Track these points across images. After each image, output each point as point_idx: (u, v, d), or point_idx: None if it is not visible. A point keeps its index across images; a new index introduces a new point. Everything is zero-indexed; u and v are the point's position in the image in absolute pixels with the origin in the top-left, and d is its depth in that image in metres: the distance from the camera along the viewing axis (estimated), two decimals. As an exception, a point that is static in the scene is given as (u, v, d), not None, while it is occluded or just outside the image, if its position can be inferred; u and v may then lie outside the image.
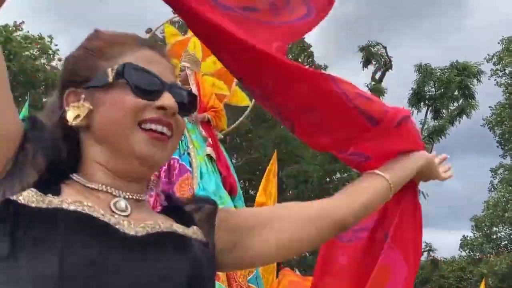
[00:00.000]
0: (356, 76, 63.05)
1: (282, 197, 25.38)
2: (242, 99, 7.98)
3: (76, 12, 53.70)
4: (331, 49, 54.02)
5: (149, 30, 25.57)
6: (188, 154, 6.80)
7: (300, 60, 28.77)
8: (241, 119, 8.50)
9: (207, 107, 7.18)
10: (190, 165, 6.72)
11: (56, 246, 1.20)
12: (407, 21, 59.38)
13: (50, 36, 31.30)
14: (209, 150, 6.88)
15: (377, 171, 1.98)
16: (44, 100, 31.70)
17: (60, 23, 54.41)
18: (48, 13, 53.03)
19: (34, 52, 30.49)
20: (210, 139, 7.01)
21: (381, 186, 1.92)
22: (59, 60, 32.33)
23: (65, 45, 57.19)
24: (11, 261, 1.20)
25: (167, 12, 27.74)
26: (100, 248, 1.24)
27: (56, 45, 31.74)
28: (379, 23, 58.01)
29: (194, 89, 7.29)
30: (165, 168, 6.70)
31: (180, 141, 6.42)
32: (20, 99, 29.74)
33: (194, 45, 8.25)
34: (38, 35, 30.76)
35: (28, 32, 30.31)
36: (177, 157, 6.77)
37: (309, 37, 53.16)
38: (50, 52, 31.32)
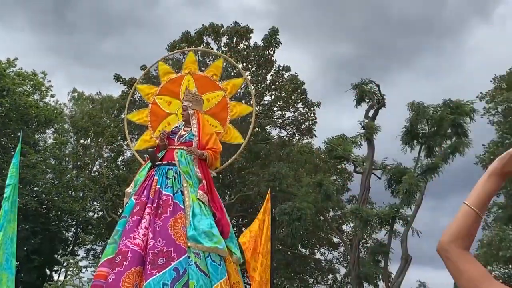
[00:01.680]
0: (350, 113, 63.47)
1: (275, 235, 25.24)
2: (236, 137, 7.96)
3: (75, 50, 54.14)
4: (328, 86, 54.48)
5: (144, 67, 25.72)
6: (182, 192, 6.76)
7: (293, 97, 28.89)
8: (234, 156, 8.44)
9: (206, 147, 7.17)
10: (183, 204, 6.68)
11: None
12: (405, 60, 59.99)
13: (43, 73, 31.38)
14: (199, 194, 6.83)
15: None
16: (36, 136, 31.69)
17: (59, 60, 54.75)
18: (47, 50, 53.43)
19: (28, 89, 30.49)
20: (204, 182, 6.97)
21: (463, 210, 2.12)
22: (52, 96, 32.40)
23: (63, 81, 57.60)
24: None
25: (161, 50, 27.85)
26: None
27: (50, 81, 31.78)
28: (376, 61, 58.60)
29: (194, 129, 7.28)
30: (154, 206, 6.63)
31: (173, 179, 6.40)
32: (12, 135, 29.71)
33: (188, 83, 8.27)
34: (31, 71, 30.83)
35: (21, 68, 30.37)
36: (170, 194, 6.72)
37: (305, 75, 53.61)
38: (43, 88, 31.34)
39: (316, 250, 32.76)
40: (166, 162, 7.04)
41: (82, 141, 33.33)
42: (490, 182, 2.17)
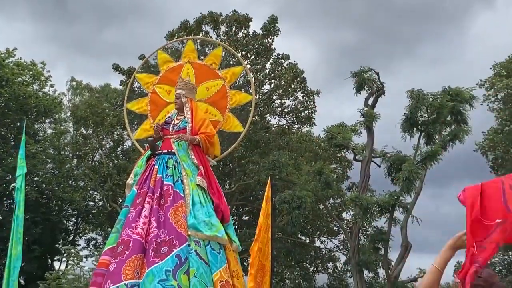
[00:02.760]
0: (352, 102, 63.44)
1: (275, 223, 25.26)
2: (236, 125, 7.95)
3: (75, 40, 54.00)
4: (331, 74, 54.38)
5: (142, 57, 25.69)
6: (182, 181, 6.77)
7: (292, 85, 28.85)
8: (234, 145, 8.45)
9: (198, 133, 7.16)
10: (183, 192, 6.70)
11: None
12: (407, 48, 59.76)
13: (42, 62, 31.30)
14: (199, 180, 6.85)
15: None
16: (36, 126, 31.67)
17: (60, 50, 54.65)
18: (47, 40, 53.28)
19: (27, 79, 30.43)
20: (201, 167, 6.98)
21: (432, 269, 3.40)
22: (52, 86, 32.36)
23: (64, 71, 57.53)
24: None
25: (162, 40, 27.79)
26: None
27: (49, 71, 31.70)
28: (378, 49, 58.45)
29: (188, 116, 7.28)
30: (157, 195, 6.66)
31: (173, 168, 6.41)
32: (12, 125, 29.70)
33: (188, 71, 8.26)
34: (30, 61, 30.76)
35: (20, 58, 30.29)
36: (171, 183, 6.74)
37: (307, 63, 53.49)
38: (43, 78, 31.27)
39: (316, 238, 32.85)
40: (166, 151, 7.04)
41: (82, 130, 33.32)
42: (447, 252, 3.43)
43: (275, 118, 30.37)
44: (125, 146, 31.67)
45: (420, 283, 3.47)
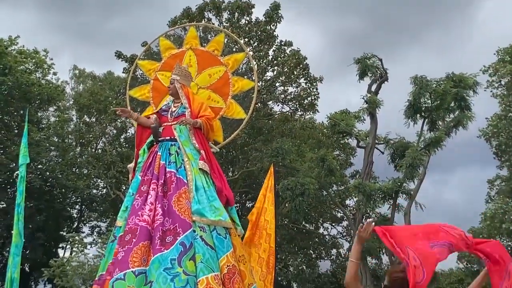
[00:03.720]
0: (357, 89, 63.19)
1: (278, 210, 25.28)
2: (238, 112, 7.92)
3: (80, 28, 53.86)
4: (336, 61, 54.24)
5: (145, 44, 25.59)
6: (184, 167, 6.77)
7: (295, 72, 28.78)
8: (237, 131, 8.43)
9: (198, 116, 7.15)
10: (186, 178, 6.69)
11: None
12: (413, 35, 59.46)
13: (45, 50, 31.27)
14: (201, 164, 6.84)
15: None
16: (39, 114, 31.69)
17: (65, 39, 54.51)
18: (52, 29, 53.14)
19: (29, 67, 30.42)
20: (203, 152, 6.97)
21: (351, 264, 4.34)
22: (55, 74, 32.33)
23: (68, 60, 57.37)
24: None
25: (164, 27, 27.70)
26: None
27: (52, 59, 31.68)
28: (384, 36, 58.18)
29: (184, 101, 7.26)
30: (161, 182, 6.66)
31: (176, 155, 6.40)
32: (15, 113, 29.72)
33: (190, 58, 8.24)
34: (33, 49, 30.73)
35: (23, 46, 30.26)
36: (174, 170, 6.74)
37: (313, 50, 53.25)
38: (45, 66, 31.25)
39: (319, 225, 32.91)
40: (168, 138, 7.03)
41: (85, 118, 33.34)
42: (356, 246, 4.21)
43: (278, 105, 30.37)
44: (128, 134, 31.68)
45: (346, 276, 4.20)
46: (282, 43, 28.58)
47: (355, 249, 4.21)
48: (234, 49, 21.80)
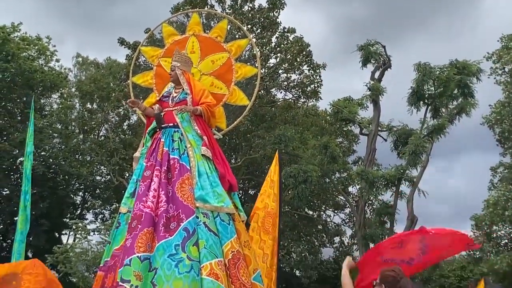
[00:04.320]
0: (360, 76, 62.91)
1: (281, 197, 25.30)
2: (241, 99, 7.89)
3: (84, 15, 53.67)
4: (340, 49, 53.99)
5: (148, 31, 25.53)
6: (187, 154, 6.77)
7: (298, 59, 28.70)
8: (240, 118, 8.40)
9: (199, 103, 7.14)
10: (189, 165, 6.70)
11: None
12: (419, 22, 59.03)
13: (48, 37, 31.21)
14: (203, 150, 6.84)
15: None
16: (42, 101, 31.68)
17: (68, 26, 54.34)
18: (55, 16, 52.98)
19: (32, 53, 30.37)
20: (205, 138, 6.97)
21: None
22: (57, 61, 32.29)
23: (72, 47, 57.23)
24: None
25: (166, 13, 27.60)
26: None
27: (54, 46, 31.63)
28: (389, 23, 57.84)
29: (186, 87, 7.25)
30: (165, 168, 6.67)
31: (179, 141, 6.40)
32: (18, 100, 29.72)
33: (193, 44, 8.21)
34: (36, 36, 30.67)
35: (26, 33, 30.20)
36: (177, 157, 6.74)
37: (317, 37, 53.04)
38: (48, 53, 31.21)
39: (322, 212, 32.95)
40: (172, 124, 7.02)
41: (88, 105, 33.34)
42: (346, 277, 4.68)
43: (281, 92, 30.32)
44: (131, 121, 31.71)
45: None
46: (285, 30, 28.48)
47: (348, 281, 4.82)
48: (237, 36, 21.73)
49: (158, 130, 7.12)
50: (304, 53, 28.57)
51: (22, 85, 28.44)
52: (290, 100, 30.25)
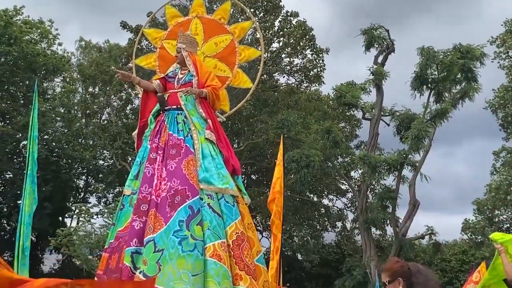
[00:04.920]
0: (363, 60, 62.50)
1: (284, 181, 25.34)
2: (245, 81, 7.89)
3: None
4: (343, 33, 53.67)
5: (150, 14, 25.46)
6: (191, 136, 6.78)
7: (301, 43, 28.62)
8: (243, 101, 8.37)
9: (205, 85, 7.14)
10: (193, 147, 6.71)
11: None
12: (424, 7, 58.53)
13: (50, 21, 31.13)
14: (207, 133, 6.85)
15: None
16: (44, 85, 31.66)
17: (72, 9, 54.11)
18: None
19: (35, 37, 30.31)
20: (209, 121, 6.98)
21: None
22: (60, 44, 32.24)
23: (77, 31, 57.01)
24: None
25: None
26: None
27: (57, 29, 31.55)
28: (394, 7, 57.43)
29: (192, 69, 7.24)
30: (168, 148, 6.69)
31: (183, 123, 6.42)
32: (20, 83, 29.71)
33: (196, 26, 8.19)
34: (38, 19, 30.60)
35: (28, 16, 30.12)
36: (182, 138, 6.75)
37: (320, 21, 52.84)
38: (51, 36, 31.15)
39: (324, 197, 33.00)
40: (175, 106, 7.02)
41: (90, 89, 33.30)
42: None
43: (283, 76, 30.28)
44: (134, 105, 31.67)
45: None
46: (288, 14, 28.37)
47: None
48: (239, 20, 21.68)
49: (161, 112, 7.13)
50: (307, 37, 28.48)
51: (25, 69, 28.41)
52: (293, 84, 30.21)
